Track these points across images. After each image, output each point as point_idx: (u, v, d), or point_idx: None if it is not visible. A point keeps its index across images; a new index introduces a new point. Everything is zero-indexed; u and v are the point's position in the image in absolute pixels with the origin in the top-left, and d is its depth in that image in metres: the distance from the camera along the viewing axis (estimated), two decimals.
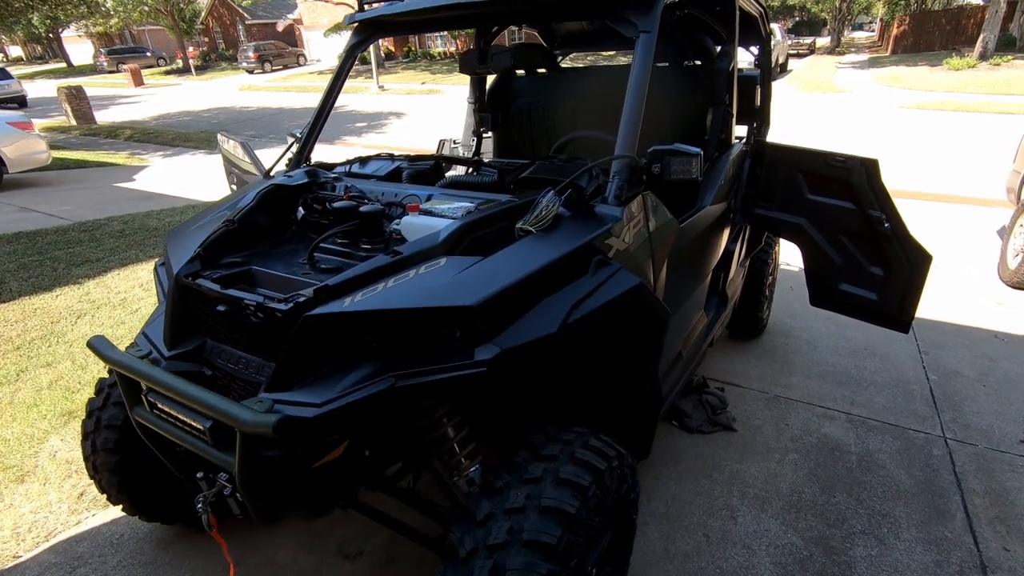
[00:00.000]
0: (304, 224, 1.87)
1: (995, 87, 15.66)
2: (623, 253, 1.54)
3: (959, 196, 7.00)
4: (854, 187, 2.55)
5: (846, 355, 3.45)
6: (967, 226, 5.96)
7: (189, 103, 21.67)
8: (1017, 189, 5.16)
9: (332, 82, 2.29)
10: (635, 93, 1.63)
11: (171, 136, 14.14)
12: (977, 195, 6.97)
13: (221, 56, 37.78)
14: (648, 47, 1.65)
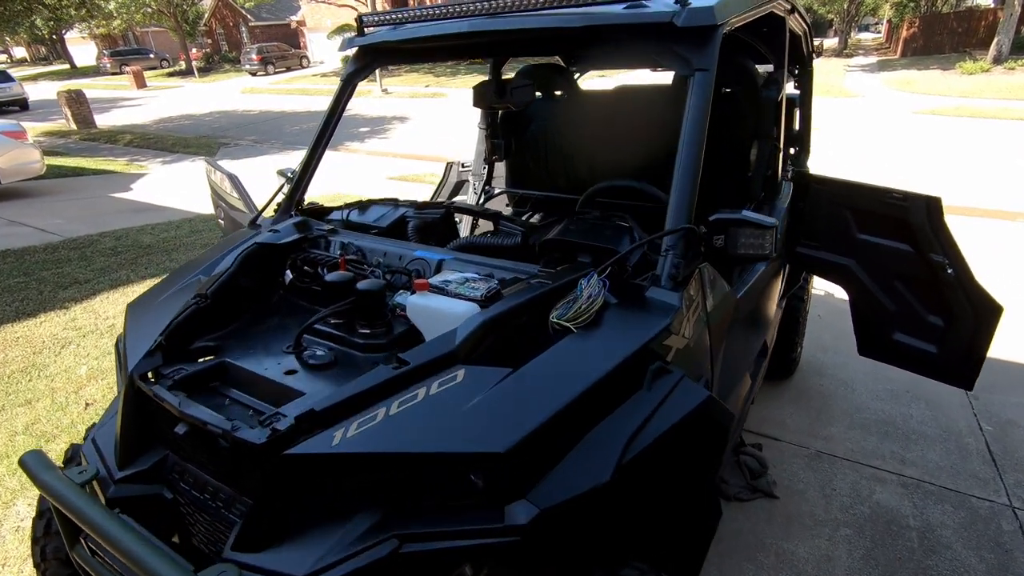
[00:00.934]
0: (293, 290, 1.61)
1: (1011, 92, 15.32)
2: (683, 352, 1.26)
3: (990, 210, 6.70)
4: (912, 227, 2.27)
5: (887, 399, 3.17)
6: (1004, 244, 5.67)
7: (191, 106, 21.46)
8: None
9: (328, 115, 2.02)
10: (691, 146, 1.37)
11: (171, 142, 13.92)
12: (1009, 208, 6.68)
13: (224, 58, 37.62)
14: (705, 88, 1.39)
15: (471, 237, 1.85)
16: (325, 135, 2.01)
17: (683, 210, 1.33)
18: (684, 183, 1.35)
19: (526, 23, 1.54)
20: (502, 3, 1.57)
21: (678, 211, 1.34)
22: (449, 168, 3.41)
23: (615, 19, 1.45)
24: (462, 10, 1.64)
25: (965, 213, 6.67)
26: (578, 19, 1.47)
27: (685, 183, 1.35)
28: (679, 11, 1.39)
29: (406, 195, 8.61)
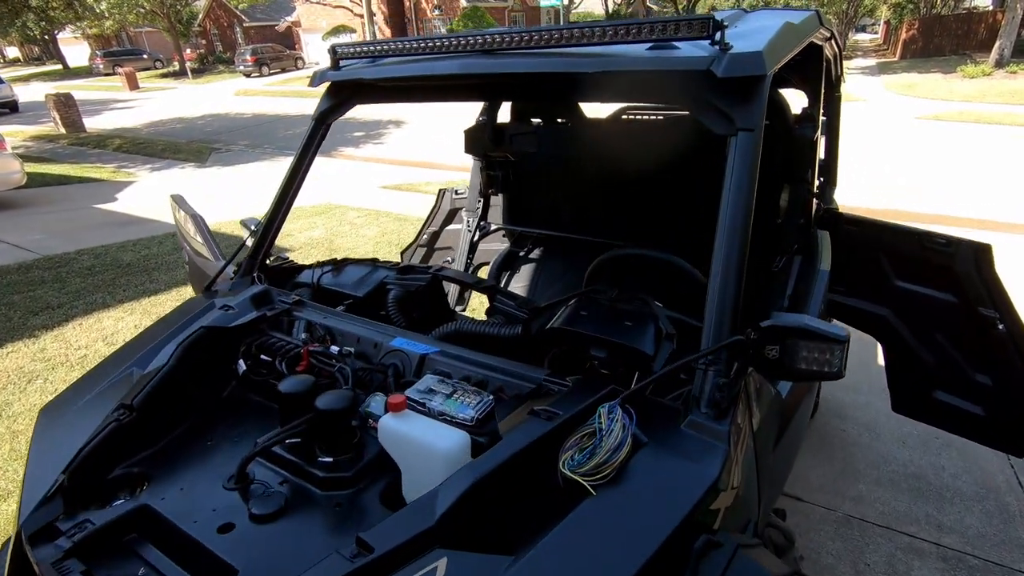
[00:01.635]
0: (247, 383, 1.36)
1: (1015, 97, 15.13)
2: (733, 509, 1.01)
3: (1001, 223, 6.48)
4: (958, 276, 2.03)
5: (916, 448, 2.93)
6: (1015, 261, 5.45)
7: (183, 109, 21.14)
8: None
9: (297, 160, 1.76)
10: (735, 229, 1.11)
11: (161, 147, 13.62)
12: (1016, 220, 6.47)
13: (218, 59, 37.25)
14: (751, 152, 1.14)
15: (461, 322, 1.59)
16: (294, 183, 1.75)
17: (726, 311, 1.08)
18: (727, 277, 1.10)
19: (528, 66, 1.29)
20: (500, 38, 1.32)
21: (720, 313, 1.08)
22: (442, 195, 3.16)
23: (638, 64, 1.19)
24: (454, 44, 1.39)
25: (977, 226, 6.45)
26: (591, 63, 1.21)
27: (729, 277, 1.09)
28: (718, 56, 1.13)
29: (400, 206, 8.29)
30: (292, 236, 6.70)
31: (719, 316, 1.09)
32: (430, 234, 3.23)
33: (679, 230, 2.22)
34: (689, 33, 1.13)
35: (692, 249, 2.32)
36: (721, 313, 1.09)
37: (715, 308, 1.09)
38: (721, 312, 1.09)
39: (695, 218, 2.26)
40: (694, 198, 2.18)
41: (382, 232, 6.81)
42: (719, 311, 1.09)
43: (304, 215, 7.61)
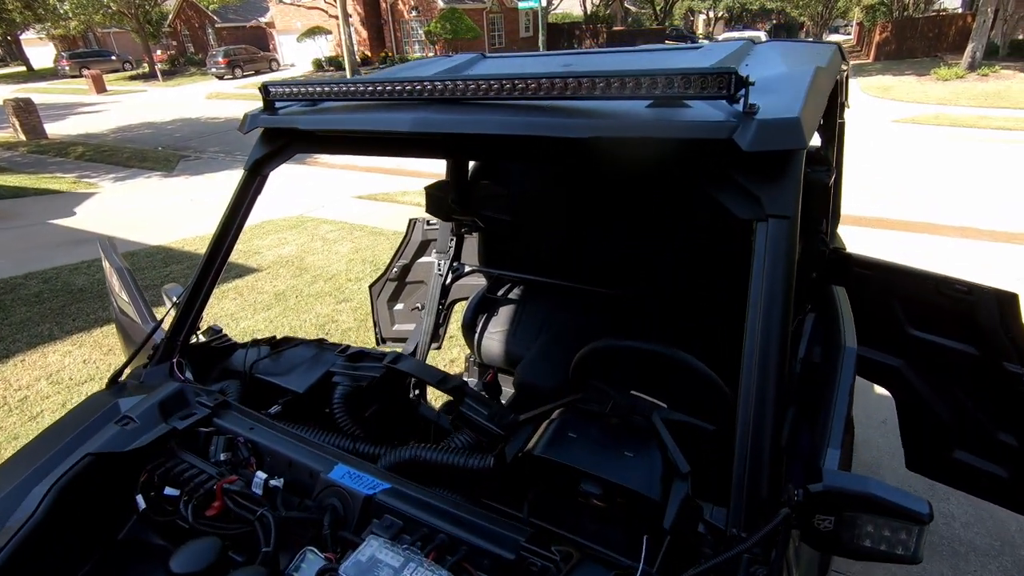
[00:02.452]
0: (147, 521, 1.09)
1: (988, 99, 15.33)
2: None
3: (983, 230, 6.43)
4: (980, 327, 1.84)
5: (923, 492, 2.75)
6: (1001, 271, 5.37)
7: (153, 113, 20.50)
8: None
9: (228, 215, 1.48)
10: (769, 347, 0.88)
11: (127, 155, 13.11)
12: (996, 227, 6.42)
13: (190, 60, 36.32)
14: (785, 244, 0.91)
15: (418, 448, 1.32)
16: (224, 244, 1.47)
17: (762, 467, 0.84)
18: (762, 421, 0.86)
19: (499, 125, 1.03)
20: (465, 86, 1.07)
21: (755, 469, 0.85)
22: (412, 226, 2.90)
23: (636, 130, 0.95)
24: (411, 90, 1.14)
25: (959, 234, 6.39)
26: (578, 126, 0.97)
27: (763, 421, 0.86)
28: (743, 123, 0.89)
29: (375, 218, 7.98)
30: (260, 254, 6.37)
31: (753, 475, 0.85)
32: (400, 268, 2.97)
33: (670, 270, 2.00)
34: (702, 90, 0.89)
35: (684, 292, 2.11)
36: (755, 469, 0.85)
37: (746, 462, 0.85)
38: (755, 468, 0.85)
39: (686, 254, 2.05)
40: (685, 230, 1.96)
41: (355, 248, 6.52)
42: (752, 466, 0.85)
43: (275, 229, 7.28)
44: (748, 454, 0.86)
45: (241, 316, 4.92)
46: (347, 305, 5.06)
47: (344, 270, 5.88)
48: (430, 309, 2.51)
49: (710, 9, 58.39)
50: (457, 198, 1.60)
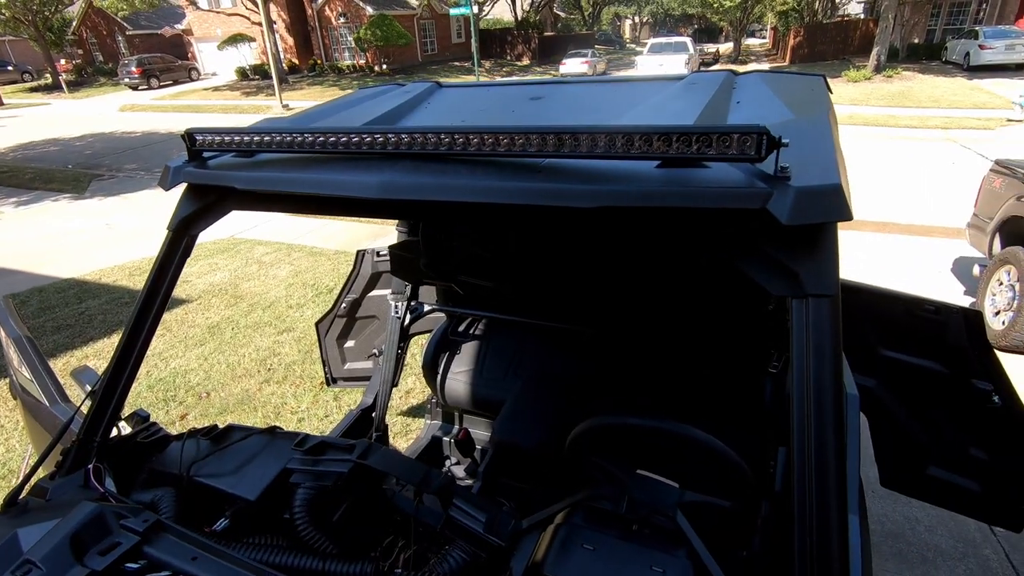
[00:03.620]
0: None
1: (894, 99, 16.49)
2: None
3: (898, 224, 6.83)
4: (949, 345, 1.86)
5: (886, 496, 2.81)
6: (907, 262, 5.70)
7: (59, 128, 18.92)
8: (988, 241, 4.86)
9: (151, 285, 1.24)
10: (824, 441, 0.78)
11: (29, 176, 11.98)
12: (913, 221, 6.85)
13: (99, 70, 33.87)
14: (829, 325, 0.81)
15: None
16: (148, 317, 1.24)
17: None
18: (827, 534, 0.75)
19: (487, 192, 0.87)
20: (437, 139, 0.91)
21: None
22: (360, 258, 2.69)
23: (650, 198, 0.81)
24: (375, 143, 0.96)
25: (881, 229, 6.75)
26: (583, 194, 0.83)
27: (829, 531, 0.75)
28: (777, 190, 0.77)
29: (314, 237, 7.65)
30: (190, 283, 5.91)
31: None
32: (350, 303, 2.76)
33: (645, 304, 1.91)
34: (726, 150, 0.79)
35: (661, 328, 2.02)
36: None
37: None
38: None
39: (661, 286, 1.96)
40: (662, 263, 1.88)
41: (295, 271, 6.17)
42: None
43: (205, 254, 6.79)
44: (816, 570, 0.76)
45: (171, 355, 4.51)
46: (289, 335, 4.74)
47: (284, 296, 5.53)
48: (388, 355, 2.32)
49: (635, 15, 60.26)
50: (429, 262, 1.42)
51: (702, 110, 1.09)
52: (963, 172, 9.19)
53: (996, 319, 4.58)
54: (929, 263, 5.83)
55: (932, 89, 17.31)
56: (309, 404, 3.77)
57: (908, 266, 5.75)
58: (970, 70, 19.69)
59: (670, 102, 1.22)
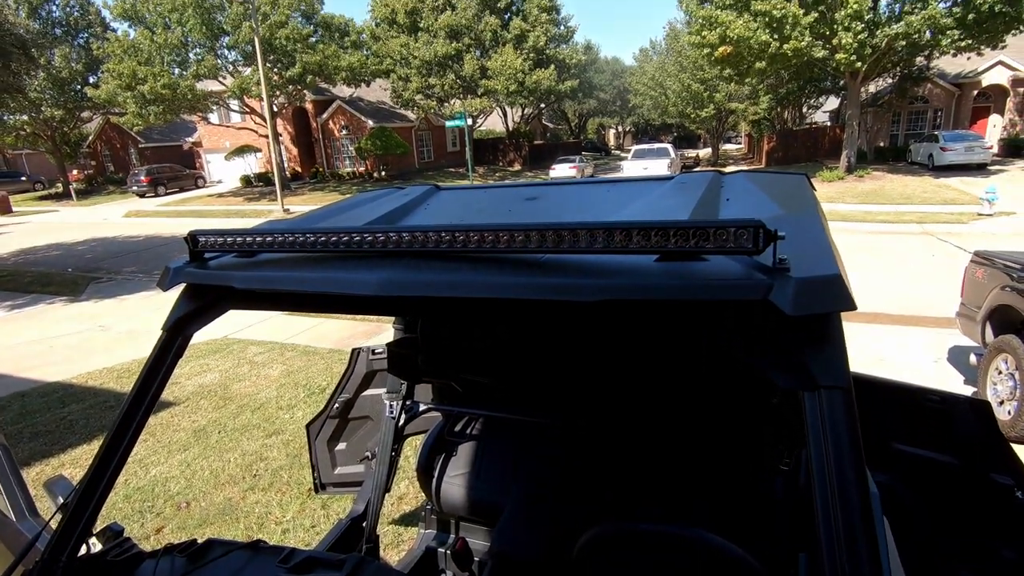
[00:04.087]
0: None
1: (868, 197, 17.35)
2: None
3: (889, 314, 6.90)
4: (960, 437, 1.80)
5: None
6: (903, 352, 5.69)
7: (63, 233, 19.42)
8: (980, 330, 4.90)
9: (141, 385, 1.21)
10: (856, 534, 0.74)
11: (28, 279, 12.10)
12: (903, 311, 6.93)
13: (109, 179, 35.41)
14: (844, 415, 0.79)
15: None
16: (134, 419, 1.20)
17: None
18: None
19: (488, 288, 0.88)
20: (437, 237, 0.93)
21: None
22: (355, 356, 2.66)
23: (651, 291, 0.82)
24: (376, 242, 0.98)
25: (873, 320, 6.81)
26: (584, 288, 0.83)
27: None
28: (777, 282, 0.78)
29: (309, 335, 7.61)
30: (179, 384, 5.78)
31: None
32: (342, 403, 2.68)
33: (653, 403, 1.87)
34: (723, 244, 0.81)
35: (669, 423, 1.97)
36: None
37: None
38: None
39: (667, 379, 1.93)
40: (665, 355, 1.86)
41: (287, 371, 6.07)
42: None
43: (196, 355, 6.71)
44: None
45: (151, 461, 4.31)
46: (278, 439, 4.57)
47: (275, 397, 5.40)
48: (381, 458, 2.22)
49: (619, 124, 64.70)
50: (428, 359, 1.40)
51: (695, 207, 1.13)
52: (944, 263, 9.47)
53: (1001, 409, 4.51)
54: (925, 353, 5.83)
55: (903, 187, 18.27)
56: (295, 513, 3.55)
57: (904, 356, 5.74)
58: (935, 169, 20.93)
59: (662, 200, 1.27)
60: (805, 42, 17.22)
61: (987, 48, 19.04)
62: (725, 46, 18.77)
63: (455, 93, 29.73)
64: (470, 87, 29.55)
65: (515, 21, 29.63)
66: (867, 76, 20.72)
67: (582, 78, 33.26)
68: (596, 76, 47.15)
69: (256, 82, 22.09)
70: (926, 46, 18.86)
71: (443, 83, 29.07)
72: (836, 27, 17.14)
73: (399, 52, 28.82)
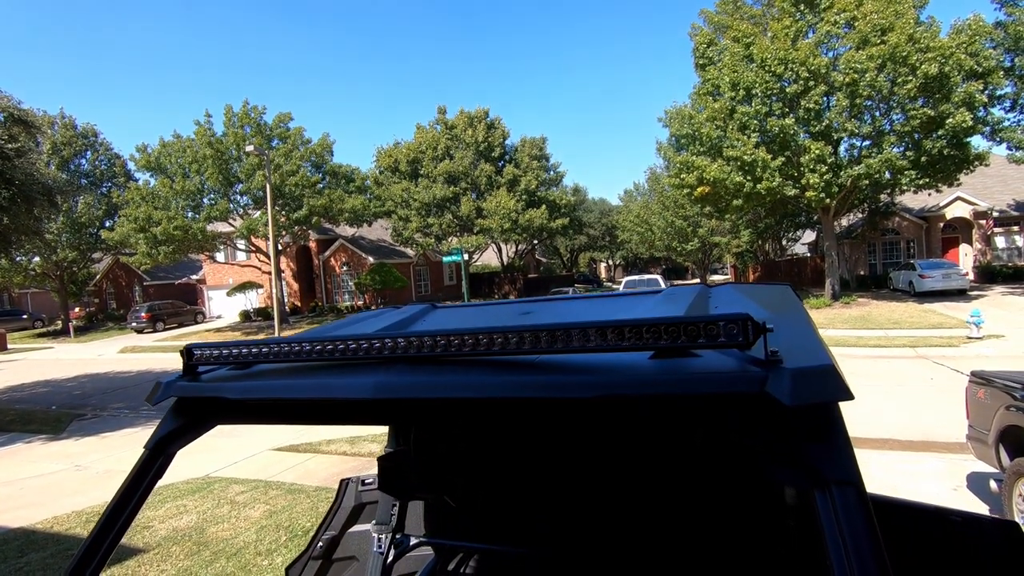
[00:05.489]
0: None
1: (857, 322, 17.65)
2: None
3: (899, 440, 6.67)
4: (989, 564, 1.67)
5: None
6: (920, 481, 5.40)
7: (54, 370, 19.21)
8: (994, 454, 4.73)
9: (112, 509, 1.13)
10: None
11: (9, 418, 11.74)
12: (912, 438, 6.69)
13: (109, 316, 35.87)
14: (859, 511, 0.75)
15: None
16: (104, 542, 1.10)
17: None
18: None
19: (483, 388, 0.88)
20: (438, 341, 0.94)
21: None
22: (344, 488, 2.52)
23: (648, 387, 0.82)
24: (371, 348, 0.99)
25: (884, 447, 6.57)
26: (578, 386, 0.83)
27: None
28: (771, 373, 0.78)
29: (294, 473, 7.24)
30: (151, 528, 5.37)
31: None
32: (327, 541, 2.48)
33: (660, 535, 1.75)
34: (714, 338, 0.80)
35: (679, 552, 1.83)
36: None
37: None
38: None
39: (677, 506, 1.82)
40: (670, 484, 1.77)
41: (269, 512, 5.68)
42: None
43: (174, 495, 6.32)
44: None
45: None
46: None
47: (254, 541, 4.99)
48: None
49: (609, 258, 67.64)
50: (422, 472, 1.35)
51: (685, 311, 1.16)
52: (943, 386, 9.38)
53: None
54: (941, 481, 5.57)
55: (890, 312, 18.68)
56: None
57: (920, 486, 5.47)
58: (917, 296, 21.58)
59: (654, 308, 1.31)
60: (776, 182, 18.65)
61: (944, 186, 20.67)
62: (703, 186, 20.28)
63: (452, 231, 31.44)
64: (466, 226, 31.31)
65: (508, 168, 32.25)
66: (838, 211, 22.18)
67: (572, 216, 35.41)
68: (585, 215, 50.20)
69: (264, 223, 23.36)
70: (888, 185, 20.47)
71: (441, 222, 30.85)
72: (803, 169, 18.69)
73: (400, 195, 30.95)
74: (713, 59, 21.08)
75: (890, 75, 17.45)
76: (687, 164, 20.46)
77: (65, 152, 31.13)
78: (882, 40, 17.38)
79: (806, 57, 17.75)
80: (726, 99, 19.41)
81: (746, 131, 18.95)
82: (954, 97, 17.07)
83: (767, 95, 18.67)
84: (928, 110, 17.34)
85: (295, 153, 25.93)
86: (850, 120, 18.53)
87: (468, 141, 31.86)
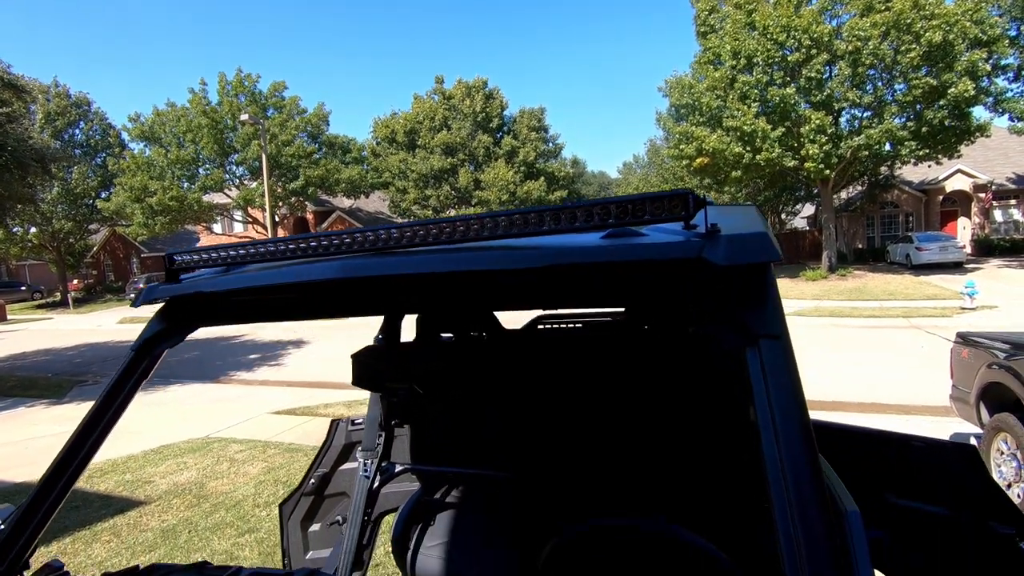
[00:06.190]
0: None
1: (851, 294, 17.76)
2: None
3: (886, 404, 6.81)
4: (952, 486, 1.75)
5: None
6: None
7: (54, 340, 19.34)
8: (975, 412, 4.84)
9: (98, 407, 1.19)
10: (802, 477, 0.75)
11: (11, 384, 11.87)
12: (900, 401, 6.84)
13: (108, 288, 35.92)
14: (783, 363, 0.82)
15: None
16: (87, 441, 1.16)
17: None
18: None
19: (444, 263, 0.94)
20: (399, 234, 0.99)
21: None
22: (335, 427, 2.60)
23: (595, 255, 0.89)
24: (342, 244, 1.03)
25: (871, 410, 6.71)
26: (532, 257, 0.90)
27: None
28: (708, 242, 0.84)
29: (292, 434, 7.38)
30: (152, 483, 5.51)
31: None
32: (318, 478, 2.57)
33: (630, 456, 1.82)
34: (658, 213, 0.87)
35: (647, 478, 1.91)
36: None
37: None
38: None
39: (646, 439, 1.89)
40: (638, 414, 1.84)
41: (268, 468, 5.82)
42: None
43: (174, 454, 6.45)
44: None
45: (112, 565, 4.00)
46: (252, 536, 4.28)
47: (252, 494, 5.13)
48: (353, 521, 2.09)
49: None
50: (391, 361, 1.41)
51: None
52: (933, 353, 9.51)
53: (1011, 492, 4.34)
54: None
55: (885, 284, 18.77)
56: None
57: None
58: (914, 268, 21.65)
59: None
60: (776, 153, 18.53)
61: (944, 158, 20.54)
62: (702, 157, 20.14)
63: (450, 203, 31.27)
64: (464, 197, 31.13)
65: (506, 139, 31.93)
66: (837, 184, 22.08)
67: (570, 189, 35.20)
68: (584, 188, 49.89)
69: (260, 194, 23.23)
70: (888, 156, 20.33)
71: (439, 194, 30.66)
72: (803, 139, 18.54)
73: (397, 167, 30.68)
74: (715, 27, 20.72)
75: (893, 43, 17.19)
76: (686, 134, 20.29)
77: (59, 122, 30.73)
78: (886, 7, 17.07)
79: (809, 24, 17.46)
80: (727, 68, 19.15)
81: (746, 101, 18.74)
82: (957, 66, 16.85)
83: (768, 64, 18.42)
84: (931, 79, 17.13)
85: (291, 123, 25.64)
86: (852, 90, 18.31)
87: (466, 112, 31.47)
